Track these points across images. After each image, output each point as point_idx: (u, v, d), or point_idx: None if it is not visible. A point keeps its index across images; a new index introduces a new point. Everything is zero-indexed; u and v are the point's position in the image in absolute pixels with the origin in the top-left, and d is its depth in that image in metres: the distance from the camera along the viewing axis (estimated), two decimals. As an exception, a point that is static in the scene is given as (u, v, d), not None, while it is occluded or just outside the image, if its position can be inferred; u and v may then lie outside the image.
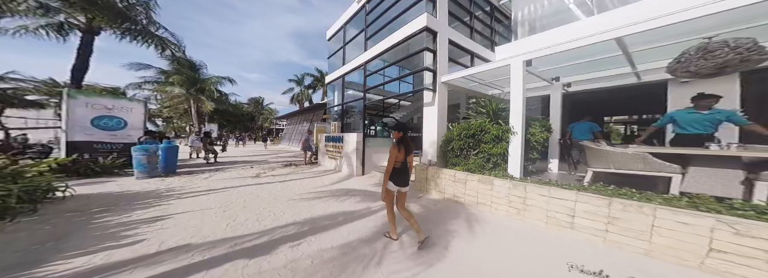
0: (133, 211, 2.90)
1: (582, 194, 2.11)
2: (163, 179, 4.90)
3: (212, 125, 19.58)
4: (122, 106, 5.70)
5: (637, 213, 1.85)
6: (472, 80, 4.23)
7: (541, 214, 2.36)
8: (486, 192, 2.83)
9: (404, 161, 1.97)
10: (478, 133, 3.07)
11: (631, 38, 2.37)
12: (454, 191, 3.19)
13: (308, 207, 3.16)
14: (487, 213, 2.83)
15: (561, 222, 2.24)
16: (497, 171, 2.94)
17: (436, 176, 3.47)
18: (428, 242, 2.03)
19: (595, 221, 2.05)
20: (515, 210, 2.57)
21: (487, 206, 2.84)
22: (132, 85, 15.05)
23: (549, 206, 2.30)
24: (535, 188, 2.41)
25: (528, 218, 2.47)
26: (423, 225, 2.43)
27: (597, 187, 2.22)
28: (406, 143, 1.96)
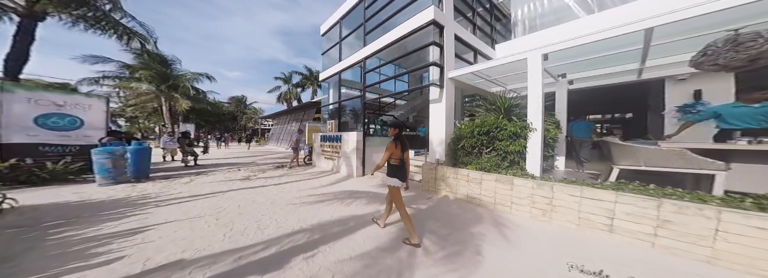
0: (101, 223, 2.47)
1: (623, 195, 1.98)
2: (134, 185, 4.34)
3: (188, 125, 18.15)
4: (77, 102, 4.95)
5: (695, 215, 1.68)
6: (478, 77, 4.22)
7: (572, 216, 2.26)
8: (505, 192, 2.75)
9: (402, 157, 2.05)
10: (494, 130, 3.02)
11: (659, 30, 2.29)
12: (468, 192, 3.11)
13: (312, 212, 2.93)
14: (508, 214, 2.73)
15: (597, 224, 2.12)
16: (514, 170, 2.90)
17: (446, 176, 3.39)
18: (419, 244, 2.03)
19: (640, 224, 1.91)
20: (540, 211, 2.48)
21: (506, 207, 2.75)
22: (87, 80, 13.30)
23: (581, 208, 2.20)
24: (563, 188, 2.30)
25: (555, 219, 2.37)
26: (444, 229, 2.33)
27: (635, 187, 2.11)
28: (403, 140, 2.04)
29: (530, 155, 2.90)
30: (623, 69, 3.53)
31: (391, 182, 2.05)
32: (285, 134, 16.94)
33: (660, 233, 1.84)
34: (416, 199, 3.42)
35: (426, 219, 2.64)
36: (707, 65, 2.35)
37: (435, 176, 3.56)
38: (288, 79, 23.50)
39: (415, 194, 3.68)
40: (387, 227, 2.39)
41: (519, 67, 3.61)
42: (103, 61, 12.76)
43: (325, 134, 7.22)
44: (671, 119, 3.37)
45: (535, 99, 2.90)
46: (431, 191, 3.67)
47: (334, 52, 7.88)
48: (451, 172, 3.33)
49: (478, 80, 4.45)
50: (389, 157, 2.03)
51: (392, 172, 2.05)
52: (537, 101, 2.88)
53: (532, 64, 2.94)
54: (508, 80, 4.57)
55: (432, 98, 4.18)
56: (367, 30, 6.06)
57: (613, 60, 3.30)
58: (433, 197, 3.43)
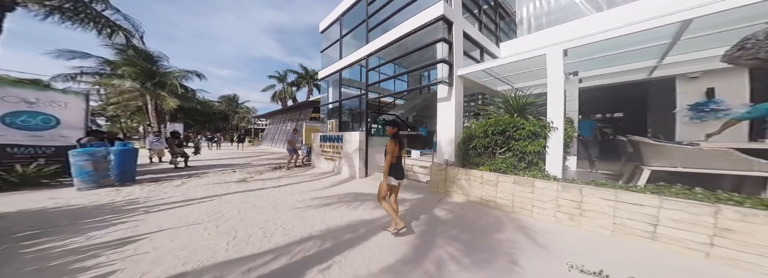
0: (84, 232, 2.23)
1: (669, 200, 1.83)
2: (119, 189, 4.03)
3: (176, 124, 17.46)
4: (51, 99, 4.56)
5: (765, 224, 1.53)
6: (486, 75, 4.17)
7: (605, 221, 2.12)
8: (525, 195, 2.63)
9: (399, 155, 2.15)
10: (510, 129, 2.93)
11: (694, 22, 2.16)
12: (482, 194, 3.01)
13: (319, 217, 2.77)
14: (528, 218, 2.61)
15: (636, 230, 1.98)
16: (533, 171, 2.79)
17: (457, 178, 3.29)
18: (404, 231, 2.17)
19: (692, 232, 1.76)
20: (567, 215, 2.35)
21: (526, 211, 2.63)
22: (62, 76, 12.34)
23: (617, 213, 2.06)
24: (594, 191, 2.16)
25: (585, 224, 2.24)
26: (464, 235, 2.23)
27: (678, 190, 1.96)
28: (400, 138, 2.15)
29: (550, 156, 2.80)
30: (634, 67, 3.52)
31: (387, 180, 2.16)
32: (280, 134, 16.54)
33: (718, 243, 1.69)
34: (426, 201, 3.32)
35: (441, 224, 2.52)
36: (745, 59, 2.23)
37: (445, 178, 3.47)
38: (283, 77, 23.07)
39: (423, 197, 3.58)
40: (401, 235, 2.27)
41: (530, 64, 3.57)
42: (81, 57, 11.94)
43: (325, 134, 7.03)
44: (683, 118, 3.39)
45: (555, 97, 2.81)
46: (441, 193, 3.57)
47: (333, 50, 7.71)
48: (462, 173, 3.23)
49: (485, 78, 4.40)
50: (393, 157, 2.09)
51: (389, 170, 2.13)
52: (558, 99, 2.79)
53: (551, 61, 2.87)
54: (515, 79, 4.54)
55: (440, 97, 4.10)
56: (370, 27, 5.93)
57: (626, 58, 3.28)
58: (443, 199, 3.34)
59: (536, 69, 3.82)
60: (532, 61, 3.15)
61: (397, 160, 2.13)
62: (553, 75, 2.86)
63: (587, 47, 2.74)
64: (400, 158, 2.15)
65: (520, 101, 3.15)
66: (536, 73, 4.06)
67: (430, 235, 2.24)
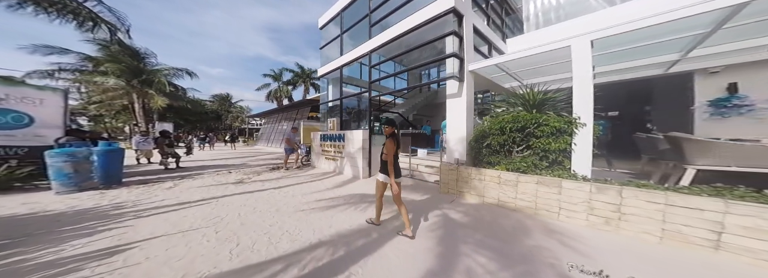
0: (63, 242, 1.98)
1: (738, 205, 1.64)
2: (103, 192, 3.73)
3: (165, 124, 16.85)
4: (23, 96, 4.17)
5: None
6: (498, 71, 4.07)
7: (652, 227, 1.94)
8: (550, 197, 2.47)
9: (396, 154, 2.21)
10: (531, 126, 2.76)
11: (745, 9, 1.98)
12: (499, 195, 2.87)
13: (326, 220, 2.59)
14: (555, 221, 2.45)
15: (693, 238, 1.80)
16: (558, 171, 2.63)
17: (470, 178, 3.15)
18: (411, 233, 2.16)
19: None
20: (602, 219, 2.18)
21: (552, 214, 2.48)
22: (38, 72, 11.59)
23: (667, 218, 1.88)
24: (637, 194, 1.98)
25: (626, 230, 2.06)
26: (491, 240, 2.07)
27: (744, 193, 1.77)
28: (397, 137, 2.20)
29: (577, 154, 2.64)
30: (652, 62, 3.43)
31: (380, 177, 2.22)
32: (276, 134, 16.18)
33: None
34: (437, 203, 3.18)
35: (460, 228, 2.36)
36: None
37: (456, 178, 3.33)
38: (278, 76, 22.63)
39: (432, 197, 3.44)
40: (418, 239, 2.12)
41: (546, 59, 3.47)
42: (59, 53, 11.25)
43: (325, 133, 6.82)
44: (702, 115, 3.34)
45: (583, 91, 2.66)
46: (453, 194, 3.44)
47: (333, 47, 7.51)
48: (476, 173, 3.09)
49: (496, 74, 4.30)
50: (392, 155, 2.13)
51: (385, 168, 2.18)
52: (586, 93, 2.63)
53: (578, 52, 2.73)
54: (525, 75, 4.46)
55: (450, 93, 3.97)
56: (373, 21, 5.77)
57: (644, 52, 3.18)
58: (455, 201, 3.20)
59: (551, 64, 3.73)
60: (548, 55, 3.05)
61: (395, 159, 2.20)
62: (580, 68, 2.73)
63: (605, 41, 2.65)
64: (396, 156, 2.23)
65: (538, 97, 3.03)
66: (548, 69, 3.98)
67: (451, 241, 2.08)
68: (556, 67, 3.87)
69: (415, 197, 3.54)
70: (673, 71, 3.64)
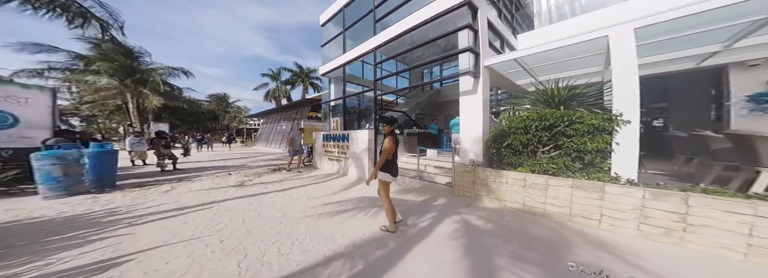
0: (50, 254, 1.79)
1: None
2: (96, 196, 3.53)
3: (161, 124, 16.57)
4: (7, 94, 3.94)
5: None
6: (515, 66, 3.90)
7: (733, 241, 1.70)
8: (589, 202, 2.25)
9: (395, 153, 2.23)
10: (561, 124, 2.54)
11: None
12: (525, 199, 2.66)
13: (337, 227, 2.42)
14: (596, 229, 2.20)
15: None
16: (596, 173, 2.39)
17: (488, 180, 2.98)
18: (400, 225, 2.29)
19: None
20: (660, 229, 1.94)
21: (591, 221, 2.24)
22: (27, 72, 11.23)
23: (756, 232, 1.63)
24: (710, 202, 1.74)
25: (693, 243, 1.84)
26: (528, 253, 1.88)
27: None
28: (396, 136, 2.22)
29: (620, 155, 2.40)
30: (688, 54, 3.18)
31: (384, 177, 2.22)
32: (276, 134, 15.97)
33: None
34: (453, 207, 3.01)
35: (486, 236, 2.17)
36: None
37: (473, 180, 3.17)
38: (276, 75, 22.41)
39: (447, 201, 3.29)
40: (442, 249, 1.94)
41: (565, 53, 3.32)
42: (48, 51, 10.83)
43: (328, 133, 6.65)
44: (740, 111, 3.13)
45: (626, 85, 2.41)
46: (469, 198, 3.28)
47: (336, 44, 7.34)
48: (495, 175, 2.92)
49: (511, 70, 4.15)
50: (389, 154, 2.17)
51: (385, 167, 2.20)
52: (630, 87, 2.38)
53: (618, 42, 2.49)
54: (542, 71, 4.29)
55: (464, 90, 3.82)
56: (378, 17, 5.61)
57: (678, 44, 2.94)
58: (472, 205, 3.05)
59: (573, 58, 3.57)
60: (572, 48, 2.89)
61: (393, 157, 2.21)
62: (622, 59, 2.50)
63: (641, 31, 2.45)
64: (395, 155, 2.23)
65: (564, 93, 2.84)
66: (567, 64, 3.82)
67: (481, 251, 1.90)
68: (577, 62, 3.72)
69: (428, 199, 3.39)
70: (705, 66, 3.42)
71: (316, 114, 14.79)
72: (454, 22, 3.81)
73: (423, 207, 3.05)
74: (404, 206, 3.08)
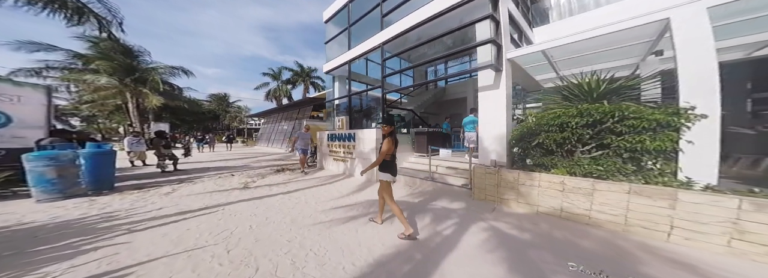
0: (38, 267, 1.60)
1: None
2: (93, 199, 3.36)
3: (161, 124, 16.48)
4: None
5: None
6: (537, 59, 3.67)
7: None
8: (654, 211, 1.97)
9: (394, 153, 2.23)
10: (608, 120, 2.24)
11: None
12: (563, 205, 2.41)
13: (352, 235, 2.21)
14: (666, 243, 1.91)
15: None
16: (658, 177, 2.09)
17: (517, 183, 2.74)
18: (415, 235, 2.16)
19: None
20: (764, 248, 1.63)
21: (656, 233, 1.96)
22: (24, 71, 11.02)
23: None
24: None
25: None
26: (588, 265, 1.62)
27: None
28: (395, 136, 2.22)
29: (693, 156, 2.06)
30: (739, 43, 2.89)
31: (384, 177, 2.23)
32: (277, 134, 15.84)
33: None
34: (476, 212, 2.79)
35: (529, 248, 1.91)
36: None
37: (496, 183, 2.96)
38: (277, 75, 22.30)
39: (465, 204, 3.08)
40: (476, 261, 1.75)
41: (597, 44, 3.08)
42: (46, 50, 10.60)
43: (333, 133, 6.46)
44: None
45: (699, 72, 2.10)
46: (491, 201, 3.07)
47: (340, 40, 7.15)
48: (525, 178, 2.68)
49: (534, 63, 3.93)
50: (388, 154, 2.17)
51: (385, 167, 2.21)
52: (706, 75, 2.05)
53: (688, 24, 2.18)
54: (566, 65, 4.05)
55: (483, 85, 3.60)
56: (385, 11, 5.41)
57: (741, 29, 2.65)
58: (497, 209, 2.84)
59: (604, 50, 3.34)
60: (606, 38, 2.65)
61: (392, 157, 2.22)
62: (691, 43, 2.17)
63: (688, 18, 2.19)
64: (394, 156, 2.24)
65: (603, 86, 2.53)
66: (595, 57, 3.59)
67: (530, 267, 1.63)
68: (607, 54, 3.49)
69: (444, 203, 3.18)
70: (758, 55, 3.08)
71: (317, 114, 14.65)
72: (471, 14, 3.61)
73: (441, 212, 2.84)
74: (420, 211, 2.88)
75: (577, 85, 2.82)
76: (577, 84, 2.84)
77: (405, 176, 4.82)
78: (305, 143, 5.96)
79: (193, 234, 2.23)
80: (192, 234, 2.23)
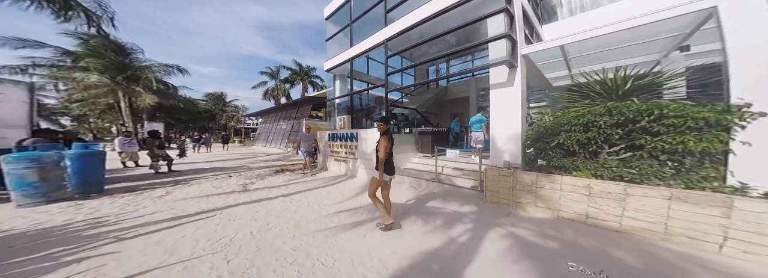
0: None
1: None
2: (80, 203, 3.16)
3: (156, 124, 16.15)
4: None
5: None
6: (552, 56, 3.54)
7: None
8: (701, 219, 1.81)
9: (390, 152, 2.26)
10: (643, 118, 2.07)
11: None
12: (588, 210, 2.27)
13: (361, 243, 2.05)
14: (718, 255, 1.74)
15: None
16: (704, 181, 1.93)
17: (535, 186, 2.60)
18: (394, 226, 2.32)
19: None
20: None
21: (706, 244, 1.80)
22: (8, 68, 10.59)
23: None
24: None
25: None
26: None
27: None
28: (391, 135, 2.26)
29: (748, 159, 1.90)
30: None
31: (376, 174, 2.25)
32: (275, 134, 15.62)
33: None
34: (489, 216, 2.64)
35: (558, 257, 1.77)
36: None
37: (511, 185, 2.82)
38: (275, 74, 22.08)
39: (477, 208, 2.94)
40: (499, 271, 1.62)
41: (617, 40, 2.96)
42: (32, 46, 10.18)
43: (334, 132, 6.30)
44: None
45: (758, 64, 1.93)
46: (505, 205, 2.93)
47: (342, 38, 7.00)
48: (545, 180, 2.53)
49: (545, 61, 3.81)
50: (385, 153, 2.20)
51: (383, 166, 2.22)
52: (764, 68, 1.88)
53: (746, 12, 1.97)
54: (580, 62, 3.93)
55: (496, 82, 3.48)
56: (389, 7, 5.27)
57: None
58: (513, 214, 2.70)
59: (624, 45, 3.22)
60: (631, 32, 2.51)
61: (389, 156, 2.25)
62: (745, 33, 2.01)
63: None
64: (391, 154, 2.28)
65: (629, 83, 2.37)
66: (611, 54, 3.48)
67: None
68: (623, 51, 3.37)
69: (454, 207, 3.03)
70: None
71: (316, 113, 14.46)
72: (480, 10, 3.48)
73: (453, 216, 2.70)
74: (430, 215, 2.73)
75: (601, 81, 2.67)
76: (600, 81, 2.69)
77: (409, 178, 4.67)
78: (309, 145, 5.74)
79: (189, 242, 2.06)
80: (188, 242, 2.06)
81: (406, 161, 5.59)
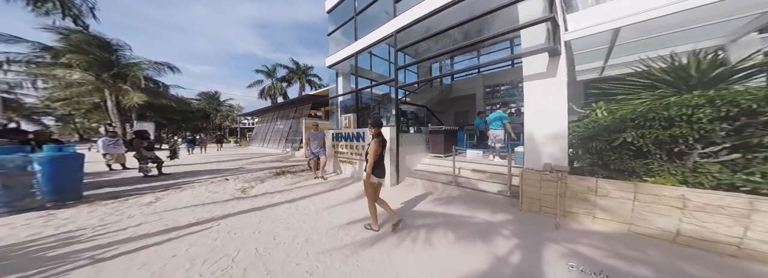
0: None
1: None
2: (51, 213, 2.78)
3: (146, 123, 15.63)
4: None
5: None
6: (597, 44, 3.17)
7: None
8: None
9: (382, 154, 2.27)
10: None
11: None
12: (680, 226, 1.88)
13: (386, 265, 1.72)
14: None
15: None
16: None
17: (594, 193, 2.24)
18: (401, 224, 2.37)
19: None
20: None
21: None
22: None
23: None
24: None
25: None
26: None
27: None
28: (383, 137, 2.26)
29: None
30: None
31: (375, 180, 2.25)
32: (273, 134, 15.22)
33: None
34: (531, 227, 2.31)
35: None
36: None
37: (557, 192, 2.46)
38: (271, 72, 21.67)
39: (514, 218, 2.59)
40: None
41: (677, 22, 2.60)
42: (6, 41, 9.60)
43: (339, 132, 5.96)
44: None
45: None
46: (547, 214, 2.59)
47: (346, 31, 6.68)
48: (610, 187, 2.15)
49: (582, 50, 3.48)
50: (376, 155, 2.19)
51: (373, 169, 2.21)
52: None
53: None
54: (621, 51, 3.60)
55: (530, 73, 3.15)
56: (398, -5, 4.96)
57: None
58: (561, 225, 2.34)
59: (675, 31, 2.90)
60: (691, 13, 2.18)
61: (380, 158, 2.27)
62: None
63: None
64: (382, 156, 2.30)
65: (714, 68, 1.97)
66: (661, 40, 3.13)
67: None
68: (678, 36, 3.00)
69: (485, 215, 2.69)
70: None
71: (315, 112, 14.07)
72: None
73: (487, 227, 2.37)
74: (459, 225, 2.42)
75: (678, 67, 2.22)
76: (678, 66, 2.25)
77: (422, 180, 4.35)
78: (318, 145, 5.13)
79: (181, 264, 1.71)
80: (180, 264, 1.71)
81: (416, 162, 5.26)
